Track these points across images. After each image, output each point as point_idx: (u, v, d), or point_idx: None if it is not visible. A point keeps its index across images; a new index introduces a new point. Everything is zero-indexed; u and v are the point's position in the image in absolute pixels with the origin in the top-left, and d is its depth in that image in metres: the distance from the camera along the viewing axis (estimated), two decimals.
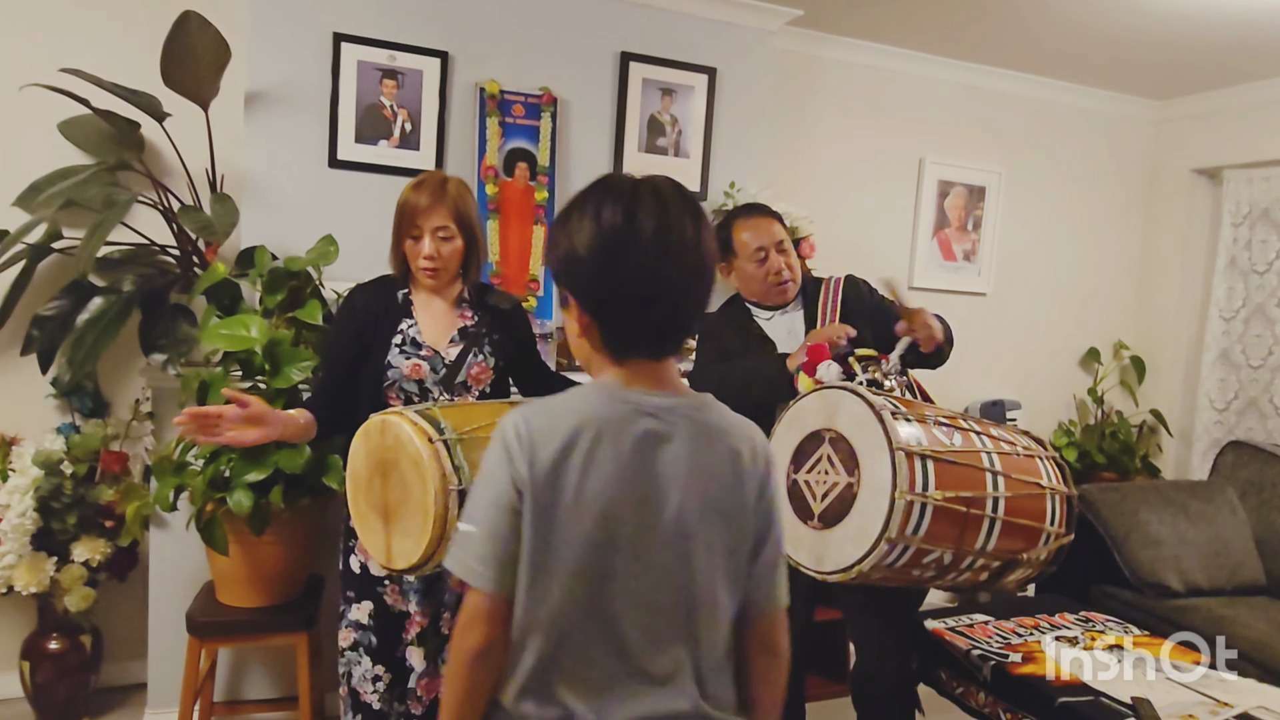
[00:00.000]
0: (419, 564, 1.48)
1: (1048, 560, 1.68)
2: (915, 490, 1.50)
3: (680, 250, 1.00)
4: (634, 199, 1.01)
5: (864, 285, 2.16)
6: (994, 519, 1.57)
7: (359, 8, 2.68)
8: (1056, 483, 1.69)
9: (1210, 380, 3.87)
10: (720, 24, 3.12)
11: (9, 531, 2.23)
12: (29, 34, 2.48)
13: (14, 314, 2.40)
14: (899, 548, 1.51)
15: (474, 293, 1.90)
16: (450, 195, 1.78)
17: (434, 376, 1.79)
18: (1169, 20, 3.01)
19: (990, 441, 1.67)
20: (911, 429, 1.56)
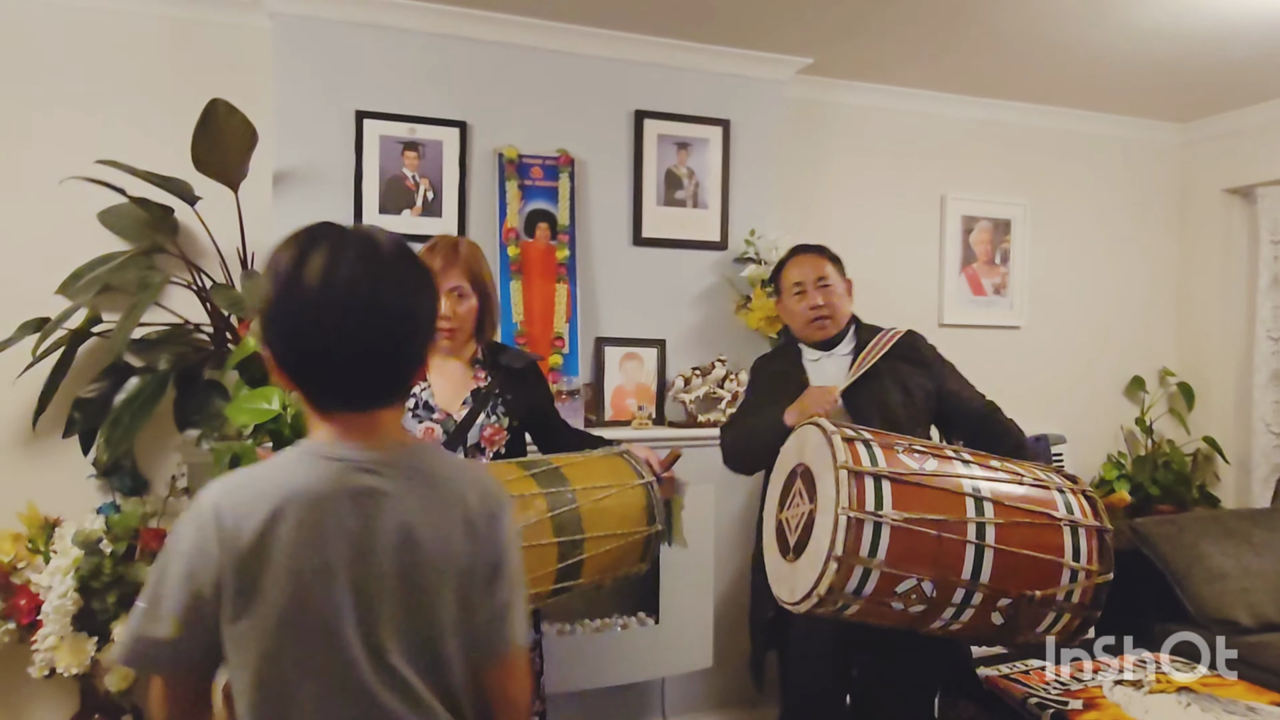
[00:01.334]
0: None
1: (1086, 602, 1.57)
2: (864, 509, 1.48)
3: (350, 299, 0.94)
4: (309, 245, 0.96)
5: (925, 346, 2.13)
6: (980, 545, 1.51)
7: (379, 85, 2.78)
8: (1081, 516, 1.60)
9: (1264, 403, 3.73)
10: (732, 77, 3.17)
11: (50, 613, 2.26)
12: (66, 129, 2.59)
13: (57, 398, 2.46)
14: (859, 571, 1.48)
15: (488, 353, 1.90)
16: (463, 256, 1.81)
17: (446, 440, 1.78)
18: (1185, 42, 2.99)
19: (982, 469, 1.61)
20: (867, 450, 1.56)
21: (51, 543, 2.38)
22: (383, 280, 0.97)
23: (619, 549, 1.68)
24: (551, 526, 1.57)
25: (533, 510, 1.56)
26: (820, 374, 2.10)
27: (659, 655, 2.76)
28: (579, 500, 1.61)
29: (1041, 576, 1.54)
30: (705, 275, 3.16)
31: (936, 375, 2.06)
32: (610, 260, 3.05)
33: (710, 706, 3.01)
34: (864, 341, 2.08)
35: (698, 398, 2.99)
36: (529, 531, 1.52)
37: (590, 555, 1.61)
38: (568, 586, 1.62)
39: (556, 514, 1.57)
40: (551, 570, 1.57)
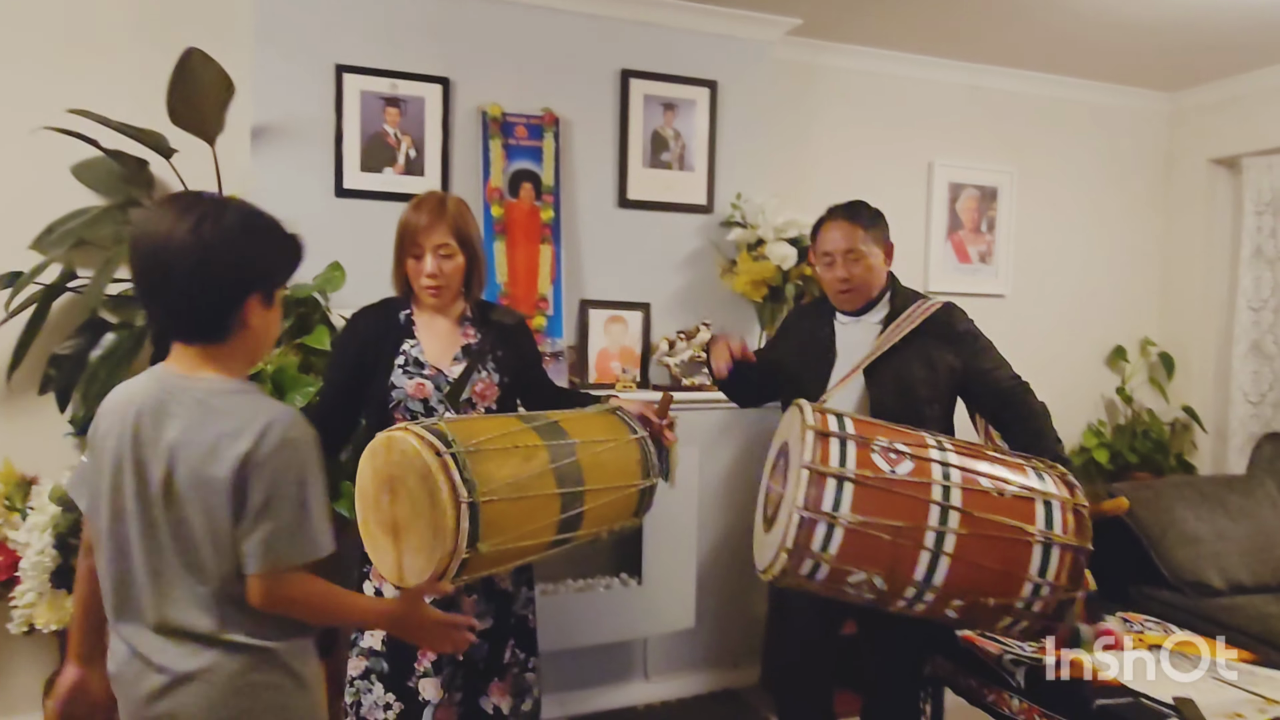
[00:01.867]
0: (433, 580, 1.45)
1: (1047, 613, 1.57)
2: (820, 509, 1.53)
3: (149, 246, 1.17)
4: (157, 208, 1.24)
5: (962, 321, 2.04)
6: (936, 553, 1.52)
7: (360, 38, 2.72)
8: (1061, 532, 1.56)
9: (1243, 373, 3.77)
10: (719, 37, 3.13)
11: (29, 570, 2.24)
12: (37, 79, 2.53)
13: (31, 354, 2.42)
14: (808, 562, 1.54)
15: (477, 310, 1.90)
16: (450, 213, 1.79)
17: (438, 395, 1.78)
18: (1175, 9, 2.97)
19: (963, 476, 1.59)
20: (839, 448, 1.58)
21: (28, 500, 2.36)
22: (192, 228, 1.15)
23: (616, 501, 1.70)
24: (554, 478, 1.57)
25: (536, 462, 1.56)
26: (848, 338, 2.05)
27: (642, 615, 2.79)
28: (579, 453, 1.63)
29: (999, 587, 1.54)
30: (691, 238, 3.14)
31: (966, 352, 1.98)
32: (595, 222, 3.02)
33: (692, 666, 3.05)
34: (897, 309, 2.02)
35: (682, 361, 2.99)
36: (533, 482, 1.54)
37: (590, 507, 1.63)
38: (569, 538, 1.63)
39: (558, 466, 1.58)
40: (555, 520, 1.58)
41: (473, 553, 1.43)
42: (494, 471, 1.48)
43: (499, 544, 1.48)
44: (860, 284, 2.02)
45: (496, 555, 1.49)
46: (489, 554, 1.47)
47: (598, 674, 2.90)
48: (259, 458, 1.16)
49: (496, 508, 1.46)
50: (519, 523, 1.52)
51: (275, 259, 1.27)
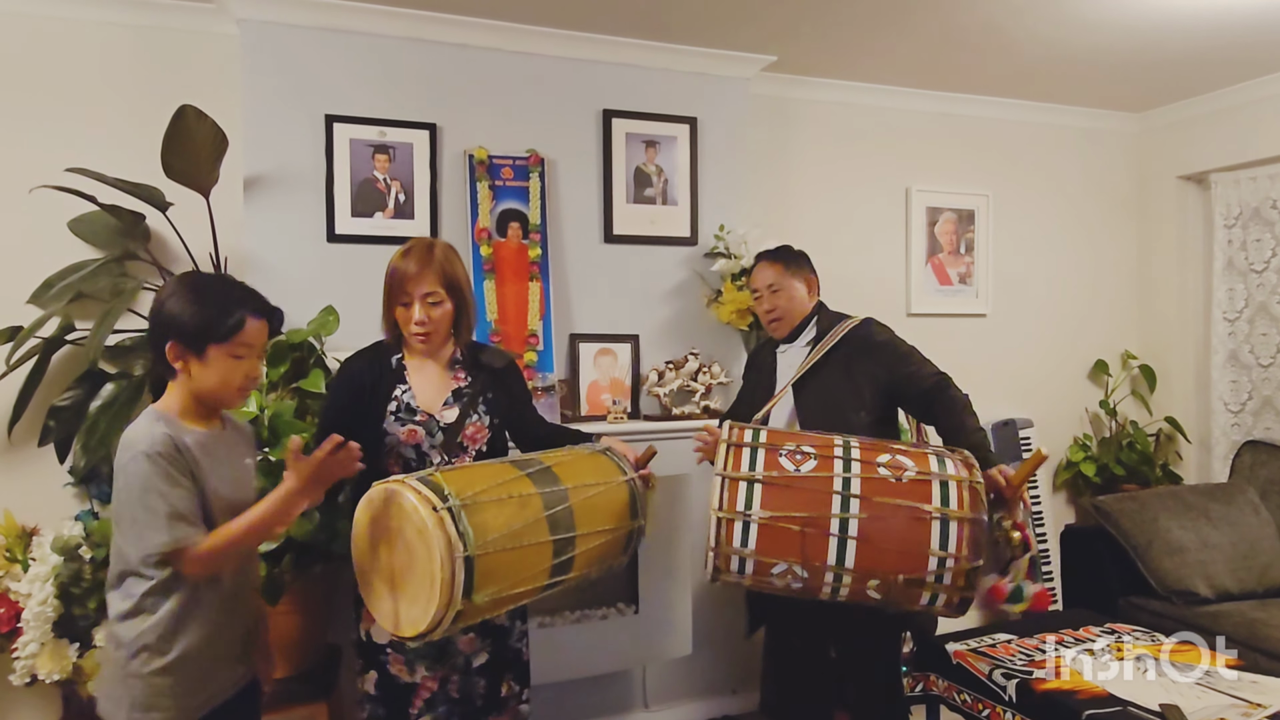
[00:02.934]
0: (426, 631, 1.48)
1: (959, 584, 1.67)
2: (735, 509, 1.69)
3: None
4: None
5: (880, 332, 2.22)
6: (843, 538, 1.67)
7: (348, 89, 2.80)
8: (957, 508, 1.68)
9: (1222, 383, 3.84)
10: (697, 75, 3.22)
11: (31, 620, 2.26)
12: (36, 138, 2.60)
13: (32, 406, 2.46)
14: (734, 559, 1.70)
15: (467, 353, 1.92)
16: (437, 260, 1.82)
17: (430, 440, 1.80)
18: (1137, 34, 3.08)
19: (862, 467, 1.74)
20: (750, 455, 1.75)
21: (30, 551, 2.38)
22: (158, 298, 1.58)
23: (606, 544, 1.75)
24: (547, 525, 1.62)
25: (530, 510, 1.61)
26: (785, 362, 2.29)
27: (639, 644, 2.81)
28: (571, 498, 1.68)
29: (907, 563, 1.66)
30: (676, 270, 3.21)
31: (886, 361, 2.14)
32: (582, 258, 3.09)
33: (691, 694, 3.07)
34: (823, 331, 2.24)
35: (672, 390, 3.05)
36: (527, 531, 1.58)
37: (580, 551, 1.68)
38: (560, 581, 1.68)
39: (552, 513, 1.63)
40: (547, 566, 1.63)
41: (467, 603, 1.48)
42: (489, 522, 1.53)
43: (493, 593, 1.53)
44: (784, 313, 2.28)
45: (490, 604, 1.54)
46: (483, 604, 1.52)
47: (597, 704, 2.92)
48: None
49: (492, 559, 1.51)
50: (513, 571, 1.57)
51: (185, 314, 1.53)
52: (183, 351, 1.55)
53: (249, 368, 1.60)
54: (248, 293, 1.63)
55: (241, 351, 1.58)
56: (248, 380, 1.61)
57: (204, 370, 1.56)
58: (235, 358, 1.57)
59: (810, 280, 2.34)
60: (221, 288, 1.62)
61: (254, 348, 1.60)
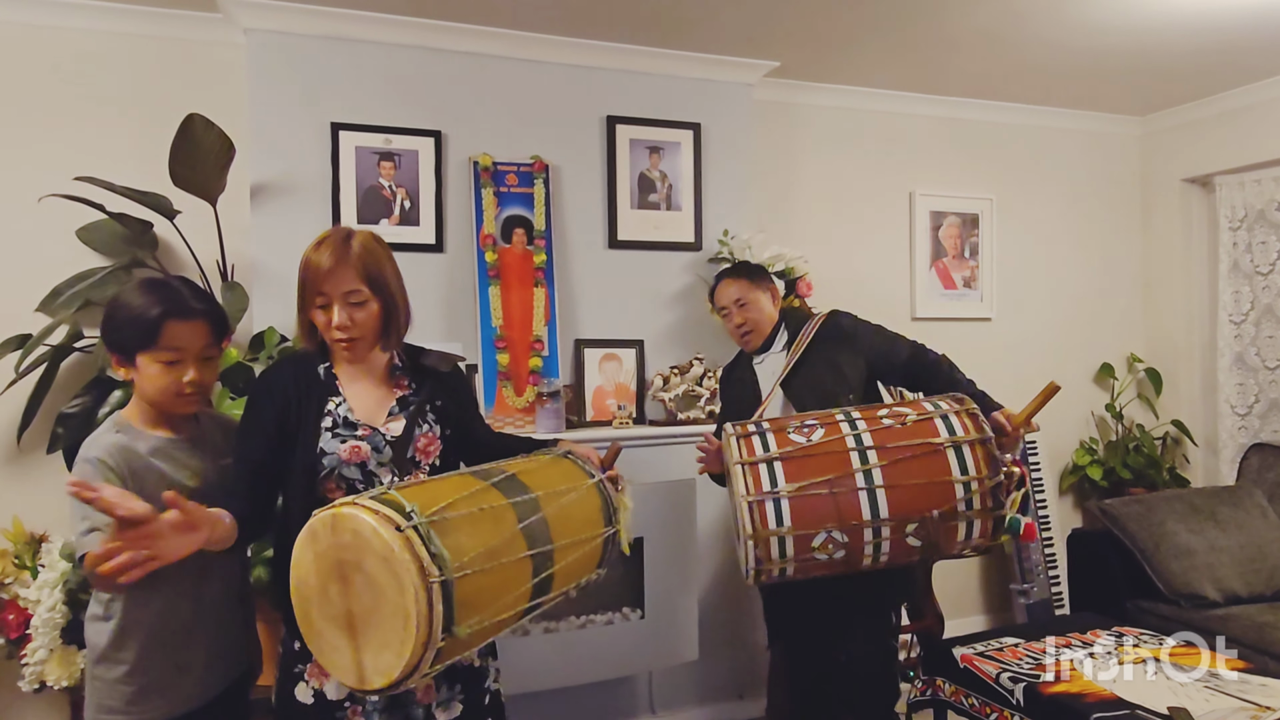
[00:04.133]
0: (402, 676, 1.22)
1: (987, 505, 1.72)
2: (762, 490, 1.72)
3: None
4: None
5: (847, 320, 2.29)
6: (871, 489, 1.71)
7: (354, 97, 2.82)
8: (963, 433, 1.75)
9: (1228, 386, 3.83)
10: (701, 81, 3.24)
11: (40, 627, 2.27)
12: (45, 147, 2.63)
13: (40, 413, 2.48)
14: (775, 541, 1.71)
15: (407, 357, 1.68)
16: (355, 253, 1.52)
17: (378, 458, 1.54)
18: (1140, 37, 3.09)
19: (866, 423, 1.80)
20: (760, 440, 1.80)
21: (38, 557, 2.40)
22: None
23: (583, 555, 1.57)
24: (524, 539, 1.41)
25: (505, 524, 1.39)
26: (765, 372, 2.32)
27: (645, 649, 2.81)
28: (543, 507, 1.48)
29: (936, 497, 1.70)
30: (681, 276, 3.22)
31: (861, 345, 2.22)
32: (587, 263, 3.10)
33: (697, 699, 3.06)
34: (795, 332, 2.30)
35: (677, 396, 3.05)
36: (504, 547, 1.37)
37: (559, 566, 1.48)
38: (540, 603, 1.48)
39: (526, 525, 1.42)
40: (528, 587, 1.42)
41: (448, 638, 1.24)
42: (464, 541, 1.29)
43: (476, 623, 1.29)
44: (755, 325, 2.32)
45: (473, 636, 1.31)
46: (466, 637, 1.28)
47: (603, 710, 2.92)
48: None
49: (471, 582, 1.27)
50: (494, 595, 1.34)
51: (110, 324, 1.54)
52: (120, 361, 1.53)
53: (183, 372, 1.52)
54: (178, 294, 1.53)
55: (170, 356, 1.50)
56: (186, 386, 1.52)
57: (140, 377, 1.53)
58: (166, 364, 1.50)
59: (774, 290, 2.41)
60: (151, 291, 1.52)
61: (186, 351, 1.51)
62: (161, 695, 1.54)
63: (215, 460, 1.62)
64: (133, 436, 1.52)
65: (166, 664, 1.53)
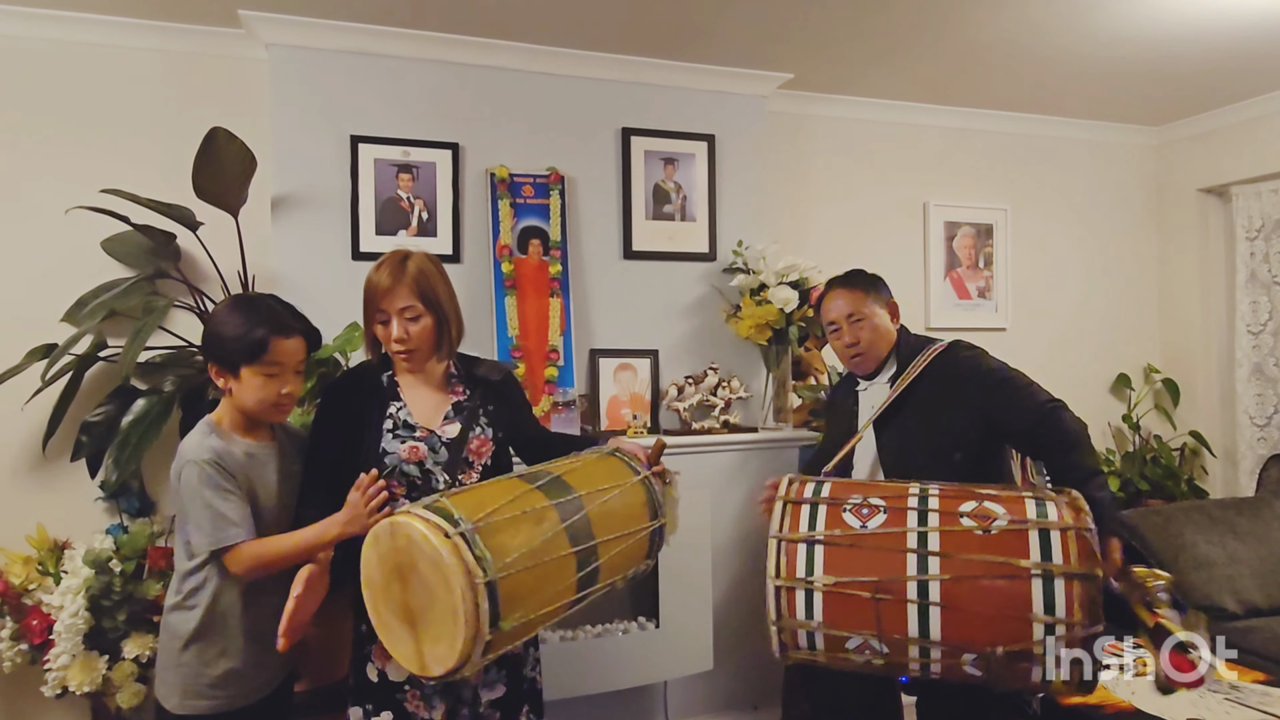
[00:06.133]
0: (457, 666, 1.38)
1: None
2: (794, 576, 1.52)
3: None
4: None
5: (968, 359, 1.95)
6: (924, 605, 1.44)
7: (373, 110, 2.86)
8: (1061, 561, 1.42)
9: (1247, 396, 3.80)
10: (715, 94, 3.26)
11: (62, 632, 2.30)
12: (72, 160, 2.68)
13: (65, 422, 2.52)
14: (803, 634, 1.52)
15: (461, 366, 1.85)
16: (410, 274, 1.71)
17: (434, 457, 1.71)
18: (1157, 46, 3.09)
19: (941, 519, 1.52)
20: (809, 513, 1.57)
21: (61, 564, 2.43)
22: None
23: (629, 548, 1.67)
24: (567, 537, 1.53)
25: (547, 524, 1.52)
26: (867, 401, 2.06)
27: (660, 659, 2.81)
28: (586, 506, 1.59)
29: (1003, 631, 1.42)
30: (695, 286, 3.23)
31: (981, 389, 1.88)
32: (602, 274, 3.12)
33: (713, 709, 3.06)
34: (904, 363, 1.99)
35: (691, 405, 3.06)
36: (547, 547, 1.49)
37: (604, 559, 1.60)
38: (587, 594, 1.59)
39: (569, 524, 1.55)
40: (572, 581, 1.54)
41: (495, 632, 1.38)
42: (506, 543, 1.43)
43: (521, 617, 1.43)
44: (868, 346, 2.02)
45: (520, 629, 1.45)
46: (511, 630, 1.42)
47: (618, 719, 2.92)
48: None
49: (514, 580, 1.42)
50: (538, 590, 1.47)
51: (215, 340, 1.65)
52: (220, 372, 1.67)
53: (282, 384, 1.67)
54: (276, 313, 1.68)
55: (272, 370, 1.65)
56: (283, 397, 1.68)
57: (241, 389, 1.66)
58: (267, 376, 1.65)
59: (892, 305, 2.09)
60: (252, 310, 1.67)
61: (285, 366, 1.67)
62: (244, 682, 1.67)
63: (289, 467, 1.76)
64: (227, 441, 1.66)
65: (252, 649, 1.66)
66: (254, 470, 1.68)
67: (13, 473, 2.64)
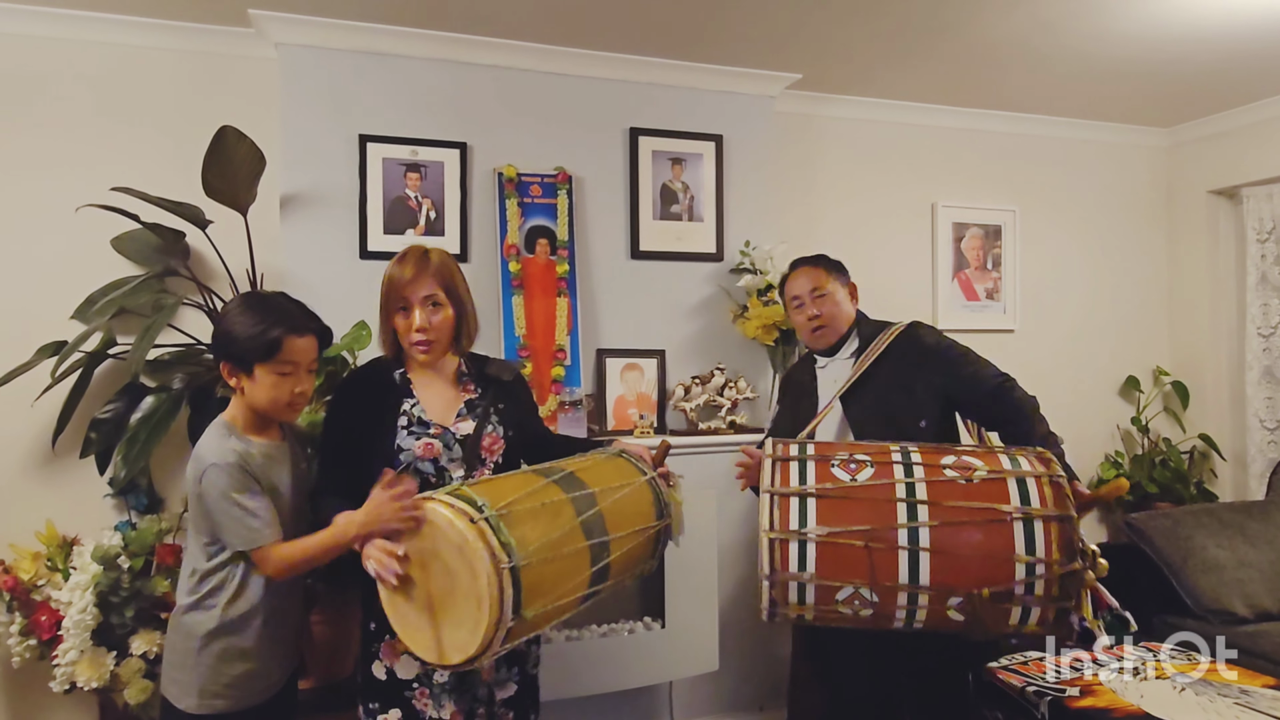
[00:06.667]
0: (478, 653, 1.38)
1: (1053, 594, 1.49)
2: (788, 528, 1.54)
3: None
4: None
5: (930, 336, 2.09)
6: (914, 550, 1.50)
7: (381, 110, 2.87)
8: (1039, 505, 1.50)
9: (1257, 400, 3.78)
10: (723, 94, 3.26)
11: (71, 628, 2.31)
12: (82, 158, 2.69)
13: (74, 419, 2.53)
14: (795, 586, 1.54)
15: (472, 365, 1.87)
16: (434, 264, 1.75)
17: (449, 454, 1.73)
18: (1167, 47, 3.07)
19: (926, 470, 1.57)
20: (799, 469, 1.60)
21: (70, 560, 2.44)
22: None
23: (637, 546, 1.69)
24: (582, 531, 1.54)
25: (564, 517, 1.52)
26: (827, 377, 2.15)
27: (666, 659, 2.81)
28: (599, 502, 1.60)
29: (989, 573, 1.48)
30: (702, 286, 3.23)
31: (941, 365, 2.01)
32: (609, 274, 3.12)
33: (718, 710, 3.05)
34: (866, 340, 2.11)
35: (698, 406, 3.06)
36: (564, 539, 1.49)
37: (615, 556, 1.60)
38: (598, 590, 1.60)
39: (584, 518, 1.55)
40: (587, 576, 1.54)
41: (517, 619, 1.38)
42: (528, 533, 1.43)
43: (541, 607, 1.44)
44: (829, 320, 2.14)
45: (539, 619, 1.45)
46: (533, 618, 1.42)
47: (624, 719, 2.92)
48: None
49: (536, 570, 1.42)
50: (557, 582, 1.48)
51: (228, 338, 1.65)
52: (233, 370, 1.68)
53: (295, 383, 1.69)
54: (290, 312, 1.69)
55: (286, 369, 1.66)
56: (296, 396, 1.69)
57: (254, 387, 1.67)
58: (281, 374, 1.66)
59: (852, 287, 2.23)
60: (265, 308, 1.68)
61: (299, 365, 1.68)
62: (263, 676, 1.70)
63: (297, 465, 1.78)
64: (243, 441, 1.68)
65: (266, 647, 1.68)
66: (271, 470, 1.69)
67: (22, 469, 2.65)
